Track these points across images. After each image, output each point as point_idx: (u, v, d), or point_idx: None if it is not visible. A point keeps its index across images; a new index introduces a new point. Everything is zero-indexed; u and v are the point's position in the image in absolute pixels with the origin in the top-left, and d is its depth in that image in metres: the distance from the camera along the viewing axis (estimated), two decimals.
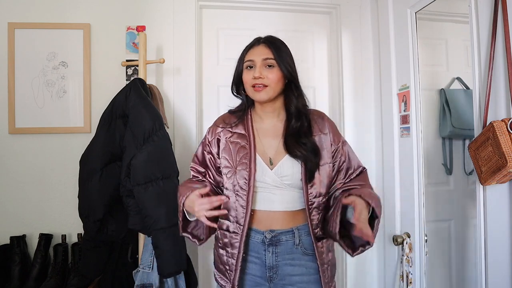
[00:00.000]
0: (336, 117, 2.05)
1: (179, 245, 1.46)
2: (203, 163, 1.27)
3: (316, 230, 1.16)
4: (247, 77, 1.18)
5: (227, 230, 1.18)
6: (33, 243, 1.71)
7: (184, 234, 1.21)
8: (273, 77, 1.16)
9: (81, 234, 1.68)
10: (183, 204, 1.15)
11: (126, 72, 1.82)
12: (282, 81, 1.18)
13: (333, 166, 1.20)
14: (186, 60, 1.87)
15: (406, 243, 1.64)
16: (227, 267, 1.17)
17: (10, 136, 1.76)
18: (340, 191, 1.20)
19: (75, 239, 1.74)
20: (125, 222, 1.50)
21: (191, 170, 1.29)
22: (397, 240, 1.65)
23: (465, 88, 1.86)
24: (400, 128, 1.75)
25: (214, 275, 1.26)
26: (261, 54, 1.18)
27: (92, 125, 1.77)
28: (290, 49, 2.10)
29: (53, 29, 1.78)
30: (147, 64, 1.70)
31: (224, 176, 1.19)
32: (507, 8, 1.17)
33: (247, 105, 1.25)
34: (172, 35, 1.86)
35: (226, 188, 1.18)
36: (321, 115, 1.26)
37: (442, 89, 1.86)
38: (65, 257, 1.65)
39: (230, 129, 1.22)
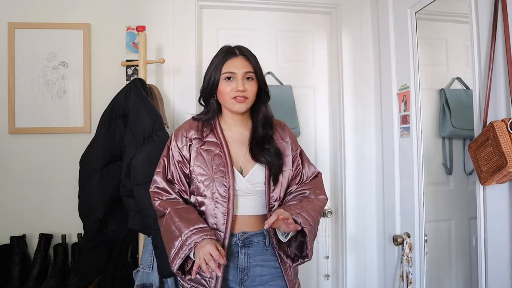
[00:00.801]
0: (336, 117, 2.05)
1: None
2: (172, 176, 1.23)
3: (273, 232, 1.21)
4: (227, 88, 1.20)
5: None
6: (33, 243, 1.71)
7: (179, 272, 1.13)
8: (252, 90, 1.21)
9: (81, 234, 1.68)
10: (194, 244, 1.07)
11: (126, 72, 1.82)
12: (257, 92, 1.24)
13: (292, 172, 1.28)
14: (186, 60, 1.87)
15: (406, 243, 1.64)
16: (206, 275, 1.14)
17: (10, 136, 1.76)
18: (290, 196, 1.26)
19: (75, 239, 1.74)
20: (125, 222, 1.50)
21: (156, 187, 1.23)
22: (397, 240, 1.65)
23: (465, 88, 1.86)
24: (400, 128, 1.75)
25: (182, 285, 1.22)
26: (242, 66, 1.20)
27: (92, 125, 1.77)
28: (289, 49, 2.12)
29: (53, 29, 1.78)
30: (147, 64, 1.70)
31: (200, 184, 1.20)
32: (507, 8, 1.17)
33: (216, 113, 1.27)
34: (172, 35, 1.86)
35: (204, 196, 1.19)
36: (282, 125, 1.34)
37: (442, 89, 1.86)
38: (65, 257, 1.65)
39: (201, 137, 1.23)
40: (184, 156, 1.23)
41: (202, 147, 1.22)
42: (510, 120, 1.12)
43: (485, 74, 1.25)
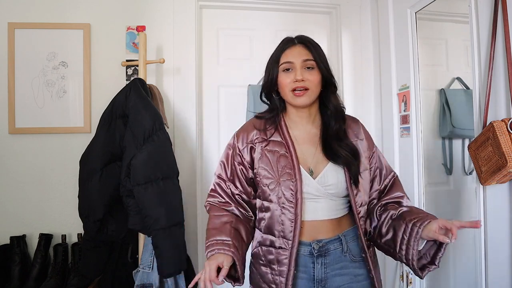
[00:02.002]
0: None
1: (179, 245, 1.46)
2: (233, 177, 1.15)
3: (365, 238, 1.11)
4: (286, 80, 1.10)
5: (272, 245, 1.09)
6: (33, 243, 1.71)
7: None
8: (314, 80, 1.09)
9: (81, 234, 1.68)
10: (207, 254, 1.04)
11: (126, 72, 1.82)
12: (321, 83, 1.12)
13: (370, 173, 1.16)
14: (186, 60, 1.87)
15: None
16: (274, 286, 1.07)
17: (10, 136, 1.76)
18: (383, 202, 1.14)
19: (75, 239, 1.74)
20: (125, 222, 1.50)
21: (216, 192, 1.16)
22: None
23: (465, 88, 1.86)
24: (400, 128, 1.75)
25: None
26: (300, 55, 1.10)
27: (92, 125, 1.77)
28: None
29: (53, 29, 1.78)
30: (147, 64, 1.70)
31: (265, 188, 1.09)
32: (507, 8, 1.17)
33: (280, 110, 1.16)
34: (172, 35, 1.86)
35: (270, 201, 1.09)
36: (355, 120, 1.21)
37: (442, 89, 1.86)
38: (65, 257, 1.65)
39: (265, 137, 1.13)
40: (244, 159, 1.14)
41: (266, 147, 1.11)
42: (510, 120, 1.12)
43: (485, 74, 1.25)
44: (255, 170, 1.12)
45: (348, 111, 1.96)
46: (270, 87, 1.14)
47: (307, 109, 1.14)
